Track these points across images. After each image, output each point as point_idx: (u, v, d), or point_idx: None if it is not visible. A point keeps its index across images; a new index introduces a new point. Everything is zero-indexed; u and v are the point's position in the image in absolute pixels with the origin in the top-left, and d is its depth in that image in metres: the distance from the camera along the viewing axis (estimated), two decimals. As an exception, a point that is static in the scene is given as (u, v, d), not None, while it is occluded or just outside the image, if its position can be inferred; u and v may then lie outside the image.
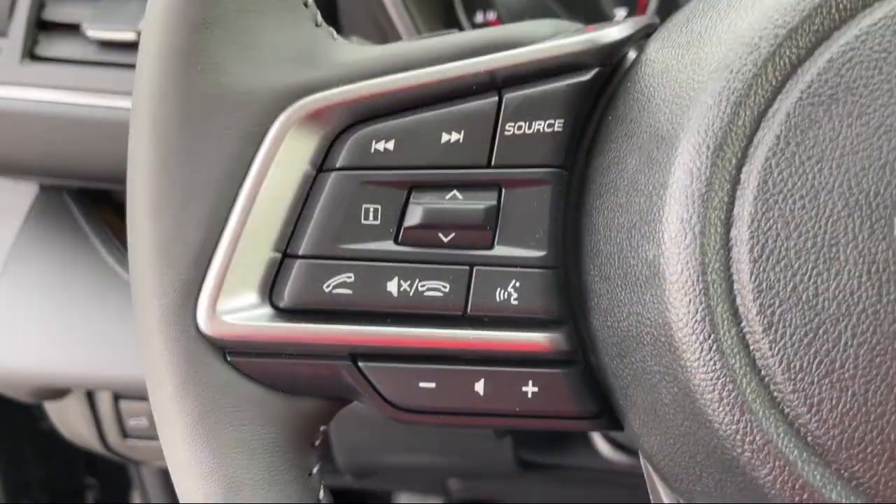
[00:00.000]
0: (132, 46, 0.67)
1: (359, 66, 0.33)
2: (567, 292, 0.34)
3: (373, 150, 0.33)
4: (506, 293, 0.33)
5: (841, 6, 0.28)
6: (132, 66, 0.66)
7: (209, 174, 0.32)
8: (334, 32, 0.35)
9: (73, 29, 0.68)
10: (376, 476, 0.87)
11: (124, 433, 0.78)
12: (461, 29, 0.76)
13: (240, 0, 0.32)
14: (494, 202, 0.33)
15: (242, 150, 0.32)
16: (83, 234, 0.76)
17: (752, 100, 0.28)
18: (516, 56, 0.33)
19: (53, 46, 0.69)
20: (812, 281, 0.27)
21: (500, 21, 0.76)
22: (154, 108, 0.31)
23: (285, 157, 0.32)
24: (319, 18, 0.35)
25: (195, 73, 0.31)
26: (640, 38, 0.37)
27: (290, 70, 0.32)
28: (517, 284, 0.33)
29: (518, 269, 0.33)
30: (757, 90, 0.28)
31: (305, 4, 0.34)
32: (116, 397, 0.76)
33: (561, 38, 0.34)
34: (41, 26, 0.69)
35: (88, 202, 0.78)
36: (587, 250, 0.33)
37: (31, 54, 0.69)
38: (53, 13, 0.69)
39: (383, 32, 0.64)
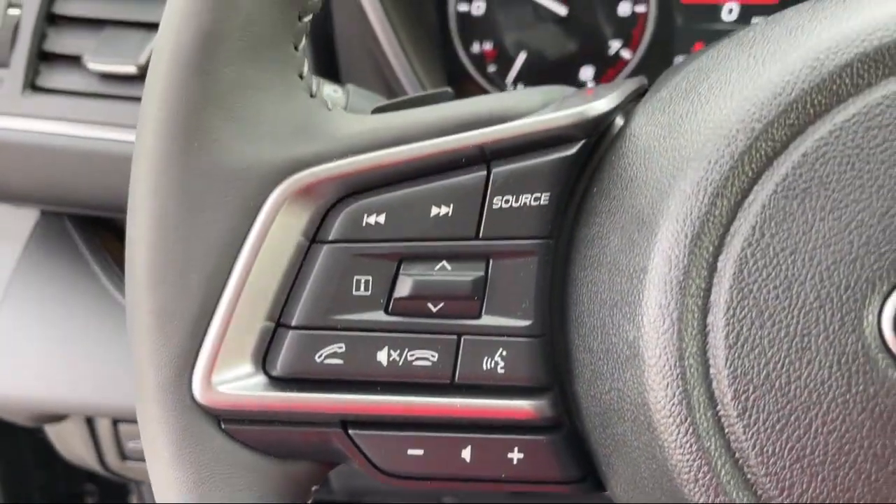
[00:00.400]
0: (133, 79, 0.68)
1: (351, 139, 0.34)
2: (553, 359, 0.35)
3: (364, 224, 0.34)
4: (492, 362, 0.34)
5: (816, 101, 0.29)
6: (133, 99, 0.68)
7: (205, 248, 0.33)
8: (329, 102, 0.36)
9: (74, 60, 0.69)
10: (370, 497, 0.88)
11: (123, 455, 0.79)
12: (458, 61, 0.77)
13: (237, 77, 0.33)
14: (482, 273, 0.34)
15: (238, 224, 0.33)
16: (83, 260, 0.77)
17: (729, 190, 0.29)
18: (505, 130, 0.34)
19: (55, 78, 0.69)
20: (785, 369, 0.28)
21: (496, 51, 0.77)
22: (153, 184, 0.32)
23: (279, 230, 0.33)
24: (315, 88, 0.36)
25: (193, 150, 0.32)
26: (629, 102, 0.38)
27: (285, 145, 0.33)
28: (504, 353, 0.34)
29: (505, 339, 0.34)
30: (734, 181, 0.29)
31: (301, 76, 0.35)
32: (115, 421, 0.77)
33: (549, 111, 0.35)
34: (42, 57, 0.70)
35: (89, 227, 0.79)
36: (572, 320, 0.34)
37: (32, 85, 0.69)
38: (55, 44, 0.70)
39: (381, 72, 0.65)
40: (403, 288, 0.34)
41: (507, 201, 0.34)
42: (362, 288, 0.34)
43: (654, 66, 0.77)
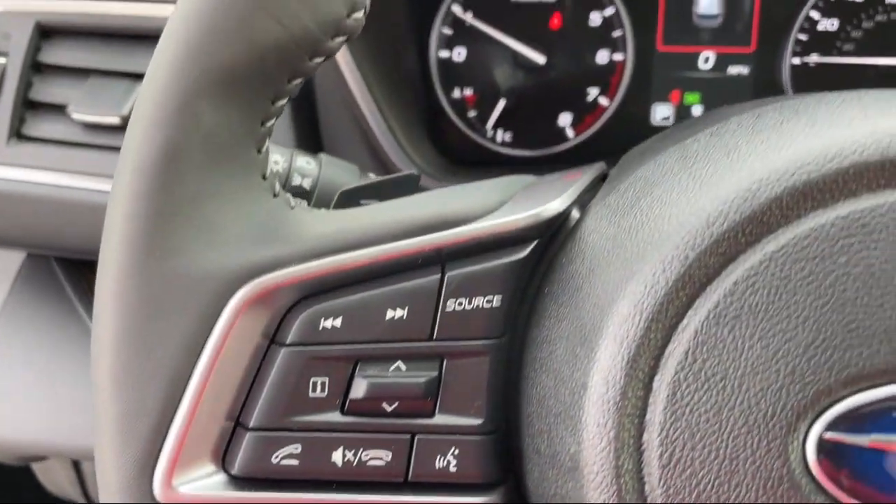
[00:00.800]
0: (117, 129, 0.69)
1: (311, 242, 0.35)
2: (505, 453, 0.36)
3: (321, 328, 0.35)
4: (445, 460, 0.35)
5: (747, 231, 0.30)
6: (117, 149, 0.69)
7: (167, 355, 0.34)
8: (291, 199, 0.37)
9: (59, 109, 0.70)
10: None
11: (108, 491, 0.80)
12: (440, 106, 0.78)
13: (199, 187, 0.34)
14: (436, 373, 0.35)
15: (199, 330, 0.34)
16: (69, 301, 0.78)
17: (664, 315, 0.30)
18: (461, 234, 0.35)
19: (40, 126, 0.71)
20: (715, 490, 0.29)
21: (476, 97, 0.78)
22: (116, 292, 0.34)
23: (239, 332, 0.34)
24: (277, 188, 0.37)
25: (154, 260, 0.33)
26: (587, 193, 0.39)
27: (245, 250, 0.34)
28: (456, 452, 0.35)
29: (457, 437, 0.35)
30: (668, 307, 0.30)
31: (264, 177, 0.36)
32: (100, 459, 0.78)
33: (505, 211, 0.37)
34: (28, 105, 0.71)
35: (75, 268, 0.80)
36: (524, 418, 0.35)
37: (17, 134, 0.71)
38: (40, 93, 0.71)
39: (359, 126, 0.66)
40: (359, 389, 0.35)
41: (460, 304, 0.35)
42: (318, 389, 0.35)
43: (631, 113, 0.78)
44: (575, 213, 0.38)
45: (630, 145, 0.78)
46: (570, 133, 0.79)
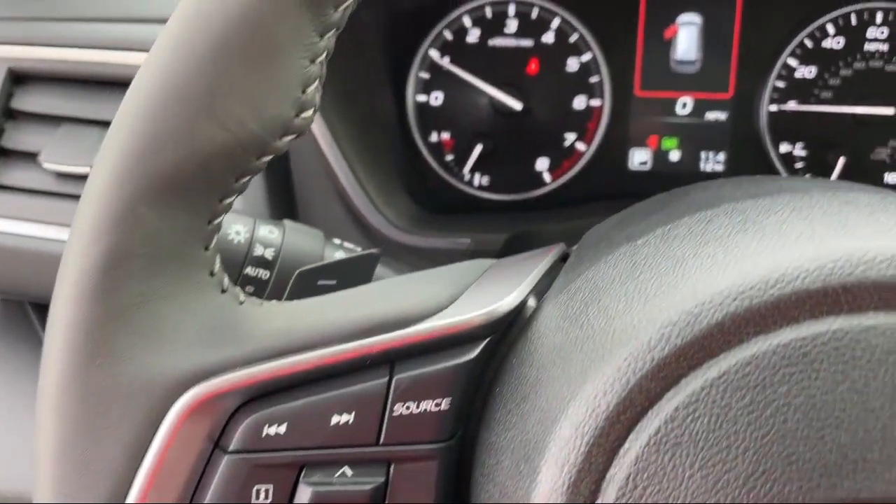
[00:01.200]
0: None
1: (257, 344, 0.35)
2: None
3: (264, 435, 0.34)
4: None
5: (689, 355, 0.29)
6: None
7: (107, 462, 0.33)
8: (240, 294, 0.37)
9: (31, 157, 0.70)
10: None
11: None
12: (417, 149, 0.78)
13: (142, 291, 0.33)
14: (383, 478, 0.35)
15: (141, 436, 0.34)
16: (42, 345, 0.78)
17: (605, 439, 0.30)
18: (409, 335, 0.35)
19: (11, 175, 0.70)
20: None
21: (453, 141, 0.78)
22: (57, 401, 0.33)
23: (182, 438, 0.34)
24: (226, 283, 0.36)
25: (94, 369, 0.33)
26: (547, 276, 0.39)
27: (189, 354, 0.34)
28: None
29: None
30: (609, 431, 0.30)
31: (212, 273, 0.36)
32: None
33: (456, 310, 0.36)
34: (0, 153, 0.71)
35: (48, 312, 0.80)
36: None
37: (-12, 182, 0.70)
38: (11, 140, 0.70)
39: (336, 188, 0.65)
40: (303, 497, 0.34)
41: (407, 407, 0.35)
42: (262, 496, 0.34)
43: (608, 158, 0.78)
44: (531, 303, 0.37)
45: (607, 190, 0.78)
46: (547, 178, 0.79)
